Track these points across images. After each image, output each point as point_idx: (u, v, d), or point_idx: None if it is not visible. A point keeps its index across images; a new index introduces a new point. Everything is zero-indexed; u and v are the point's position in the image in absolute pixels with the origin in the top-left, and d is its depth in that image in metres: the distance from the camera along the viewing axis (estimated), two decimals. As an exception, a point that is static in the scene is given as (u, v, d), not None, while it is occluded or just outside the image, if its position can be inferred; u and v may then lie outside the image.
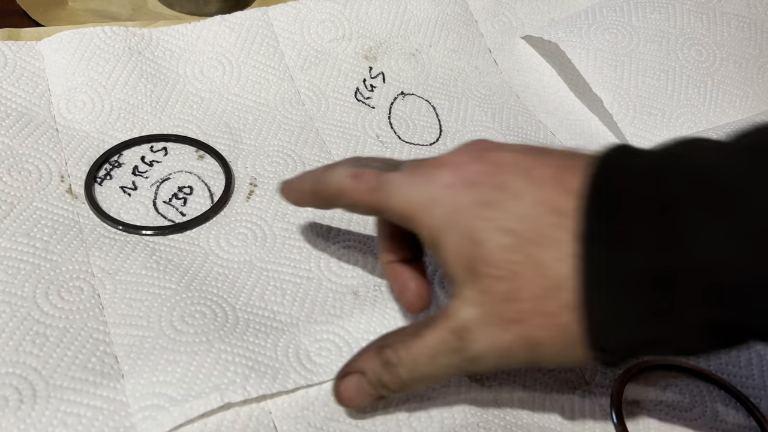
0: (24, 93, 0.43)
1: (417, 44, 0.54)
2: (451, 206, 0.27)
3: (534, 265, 0.25)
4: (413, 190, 0.28)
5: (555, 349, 0.26)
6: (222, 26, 0.50)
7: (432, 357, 0.28)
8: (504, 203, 0.26)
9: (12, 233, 0.37)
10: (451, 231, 0.26)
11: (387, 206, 0.29)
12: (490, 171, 0.27)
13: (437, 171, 0.28)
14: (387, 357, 0.29)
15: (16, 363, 0.32)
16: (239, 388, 0.32)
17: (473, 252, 0.26)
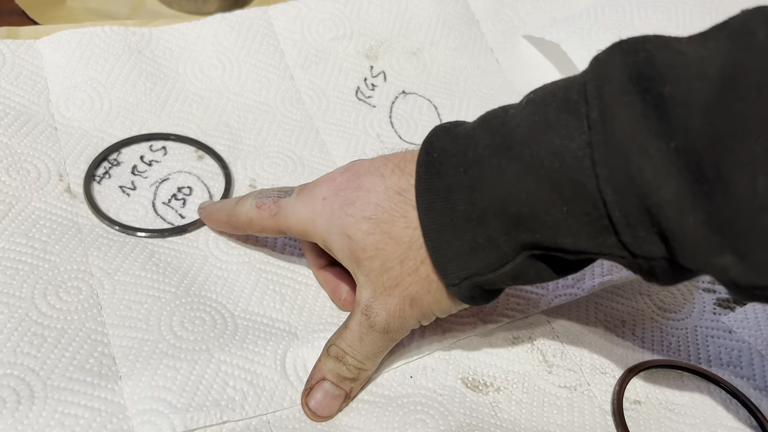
0: (22, 92, 0.43)
1: (418, 43, 0.54)
2: (328, 214, 0.32)
3: (391, 238, 0.31)
4: (302, 209, 0.33)
5: (432, 299, 0.31)
6: (222, 25, 0.49)
7: (360, 339, 0.32)
8: (362, 199, 0.32)
9: (10, 233, 0.37)
10: (333, 234, 0.32)
11: (287, 227, 0.34)
12: (351, 178, 0.33)
13: (316, 189, 0.33)
14: (335, 353, 0.33)
15: (14, 364, 0.32)
16: (238, 407, 0.32)
17: (350, 245, 0.32)
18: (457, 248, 0.29)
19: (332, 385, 0.33)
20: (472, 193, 0.29)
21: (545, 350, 0.38)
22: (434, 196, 0.30)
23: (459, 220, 0.29)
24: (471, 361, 0.37)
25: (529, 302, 0.40)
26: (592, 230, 0.26)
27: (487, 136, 0.29)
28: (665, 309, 0.42)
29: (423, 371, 0.36)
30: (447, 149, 0.30)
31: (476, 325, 0.38)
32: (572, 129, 0.26)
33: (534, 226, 0.28)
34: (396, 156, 0.33)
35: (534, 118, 0.27)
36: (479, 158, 0.28)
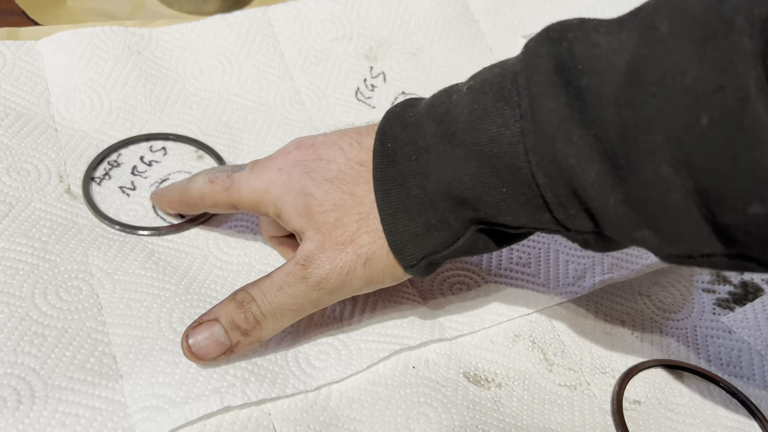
0: (23, 92, 0.43)
1: (418, 44, 0.54)
2: (285, 181, 0.33)
3: (352, 196, 0.32)
4: (255, 180, 0.34)
5: (384, 263, 0.32)
6: (222, 26, 0.49)
7: (280, 288, 0.32)
8: (323, 167, 0.33)
9: (11, 233, 0.37)
10: (287, 196, 0.33)
11: (239, 199, 0.35)
12: (309, 151, 0.34)
13: (270, 162, 0.34)
14: (241, 297, 0.33)
15: (15, 363, 0.32)
16: (239, 392, 0.32)
17: (306, 201, 0.32)
18: (413, 231, 0.31)
19: (221, 329, 0.32)
20: (423, 179, 0.31)
21: (546, 349, 0.38)
22: (390, 183, 0.31)
23: (413, 205, 0.31)
24: (472, 357, 0.37)
25: (529, 301, 0.40)
26: (529, 208, 0.29)
27: (434, 125, 0.31)
28: (665, 309, 0.42)
29: (425, 364, 0.36)
30: (399, 138, 0.32)
31: (476, 322, 0.38)
32: (507, 117, 0.28)
33: (478, 205, 0.30)
34: (350, 131, 0.34)
35: (474, 106, 0.29)
36: (427, 146, 0.31)
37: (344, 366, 0.35)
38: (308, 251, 0.32)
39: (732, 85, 0.22)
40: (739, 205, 0.23)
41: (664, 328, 0.41)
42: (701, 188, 0.24)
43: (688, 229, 0.25)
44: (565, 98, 0.26)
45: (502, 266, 0.41)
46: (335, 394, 0.34)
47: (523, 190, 0.28)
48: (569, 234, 0.30)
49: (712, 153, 0.23)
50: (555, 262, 0.42)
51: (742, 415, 0.37)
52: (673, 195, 0.25)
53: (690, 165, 0.24)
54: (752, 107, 0.22)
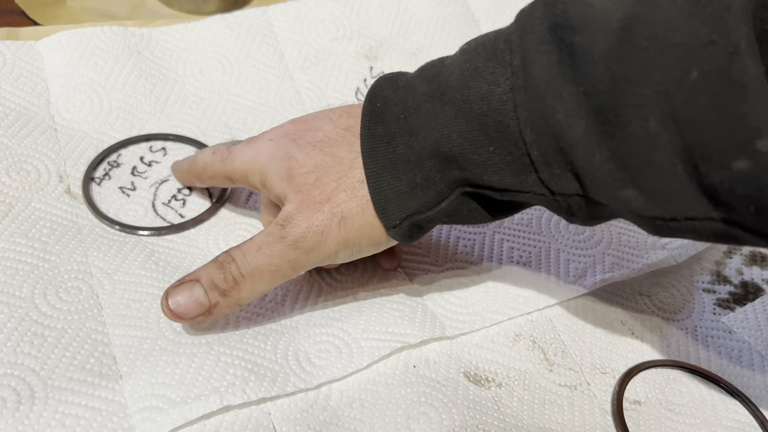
0: (23, 93, 0.43)
1: (418, 44, 0.54)
2: (272, 149, 0.34)
3: (333, 157, 0.33)
4: (247, 151, 0.35)
5: (364, 222, 0.32)
6: (221, 26, 0.49)
7: (259, 248, 0.32)
8: (310, 134, 0.34)
9: (10, 233, 0.37)
10: (272, 162, 0.34)
11: (233, 169, 0.36)
12: (299, 123, 0.35)
13: (263, 135, 0.35)
14: (221, 259, 0.33)
15: (14, 364, 0.32)
16: (239, 391, 0.32)
17: (289, 164, 0.33)
18: (398, 189, 0.31)
19: (200, 289, 0.33)
20: (410, 137, 0.31)
21: (546, 349, 0.38)
22: (377, 142, 0.32)
23: (399, 163, 0.31)
24: (473, 357, 0.37)
25: (530, 299, 0.40)
26: (515, 168, 0.29)
27: (424, 84, 0.31)
28: (665, 309, 0.42)
29: (426, 363, 0.36)
30: (389, 98, 0.32)
31: (477, 321, 0.38)
32: (498, 75, 0.28)
33: (464, 164, 0.30)
34: (343, 106, 0.35)
35: (465, 66, 0.30)
36: (417, 105, 0.31)
37: (345, 364, 0.35)
38: (287, 212, 0.32)
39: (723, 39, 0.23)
40: (725, 161, 0.23)
41: (664, 328, 0.41)
42: (688, 144, 0.24)
43: (673, 188, 0.25)
44: (557, 56, 0.27)
45: (503, 265, 0.41)
46: (335, 393, 0.34)
47: (510, 148, 0.28)
48: (553, 199, 0.29)
49: (700, 107, 0.23)
50: (556, 261, 0.42)
51: (742, 415, 0.37)
52: (660, 152, 0.25)
53: (677, 119, 0.24)
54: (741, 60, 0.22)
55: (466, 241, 0.43)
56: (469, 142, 0.29)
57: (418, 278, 0.40)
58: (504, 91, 0.28)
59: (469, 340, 0.38)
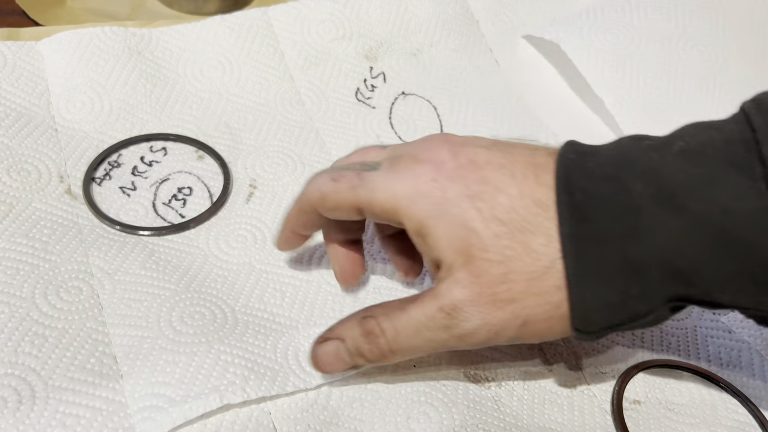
0: (23, 93, 0.43)
1: (418, 44, 0.54)
2: (439, 198, 0.29)
3: (525, 249, 0.28)
4: (397, 185, 0.30)
5: (544, 326, 0.29)
6: (222, 26, 0.50)
7: (417, 330, 0.29)
8: (490, 195, 0.28)
9: (11, 234, 0.37)
10: (441, 220, 0.29)
11: (369, 202, 0.30)
12: (469, 167, 0.29)
13: (418, 167, 0.30)
14: (369, 327, 0.30)
15: (15, 364, 0.32)
16: (238, 390, 0.32)
17: (468, 238, 0.28)
18: (606, 300, 0.28)
19: (346, 351, 0.31)
20: (626, 242, 0.27)
21: (546, 348, 0.38)
22: (584, 244, 0.27)
23: (610, 270, 0.27)
24: (473, 356, 0.37)
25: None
26: (754, 289, 0.26)
27: (640, 184, 0.27)
28: (665, 309, 0.42)
29: (426, 363, 0.36)
30: (588, 190, 0.28)
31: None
32: (744, 188, 0.25)
33: (695, 281, 0.27)
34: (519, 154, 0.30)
35: (695, 170, 0.26)
36: (635, 207, 0.27)
37: (345, 364, 0.35)
38: (457, 300, 0.28)
39: None
40: None
41: (664, 328, 0.41)
42: None
43: None
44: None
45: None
46: (335, 393, 0.34)
47: (754, 269, 0.26)
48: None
49: None
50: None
51: (742, 415, 0.37)
52: None
53: None
54: None
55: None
56: (706, 258, 0.26)
57: (418, 279, 0.40)
58: (753, 207, 0.25)
59: (469, 340, 0.38)
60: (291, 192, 0.44)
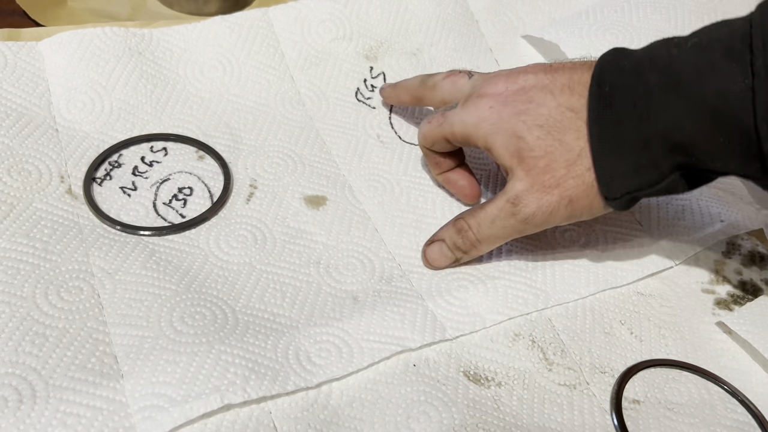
0: (24, 93, 0.43)
1: (418, 44, 0.54)
2: (496, 120, 0.37)
3: (561, 144, 0.36)
4: (467, 116, 0.39)
5: (587, 203, 0.36)
6: (222, 26, 0.50)
7: (492, 221, 0.38)
8: (534, 110, 0.37)
9: (12, 233, 0.37)
10: (498, 135, 0.37)
11: (452, 133, 0.40)
12: (518, 92, 0.37)
13: (481, 100, 0.38)
14: (459, 225, 0.40)
15: (16, 363, 0.32)
16: (239, 390, 0.32)
17: (517, 144, 0.37)
18: (623, 169, 0.35)
19: (446, 248, 0.40)
20: (640, 122, 0.33)
21: (546, 348, 0.38)
22: (606, 125, 0.35)
23: (626, 146, 0.34)
24: (472, 356, 0.37)
25: (528, 300, 0.40)
26: (742, 158, 0.32)
27: (655, 75, 0.33)
28: (664, 309, 0.42)
29: (426, 362, 0.36)
30: (616, 83, 0.34)
31: (477, 321, 0.38)
32: (735, 74, 0.30)
33: (692, 151, 0.33)
34: (561, 74, 0.37)
35: (700, 60, 0.32)
36: (648, 93, 0.33)
37: (345, 364, 0.35)
38: (518, 191, 0.37)
39: None
40: None
41: (663, 327, 0.41)
42: None
43: None
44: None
45: (503, 265, 0.42)
46: (336, 392, 0.34)
47: (740, 140, 0.31)
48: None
49: None
50: (552, 266, 0.42)
51: (741, 415, 0.37)
52: None
53: None
54: None
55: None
56: (700, 132, 0.32)
57: (418, 279, 0.40)
58: (742, 89, 0.30)
59: (469, 340, 0.38)
60: (291, 192, 0.44)
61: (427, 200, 0.45)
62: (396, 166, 0.47)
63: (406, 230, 0.43)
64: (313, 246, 0.41)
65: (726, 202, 0.47)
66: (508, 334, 0.38)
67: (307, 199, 0.43)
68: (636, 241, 0.45)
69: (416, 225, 0.43)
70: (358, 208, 0.44)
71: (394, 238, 0.42)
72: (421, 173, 0.47)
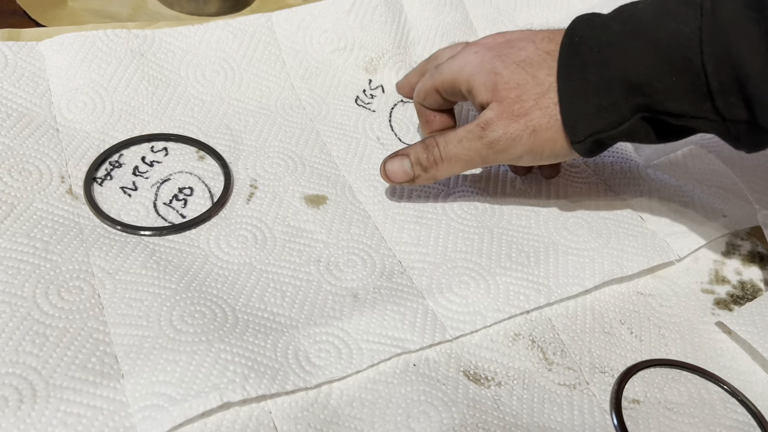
0: (25, 93, 0.43)
1: (417, 56, 0.55)
2: (478, 62, 0.40)
3: (534, 78, 0.38)
4: (453, 63, 0.41)
5: (547, 136, 0.38)
6: (225, 31, 0.50)
7: (459, 141, 0.40)
8: (514, 52, 0.39)
9: (12, 233, 0.37)
10: (479, 74, 0.39)
11: (441, 81, 0.42)
12: (502, 41, 0.40)
13: (468, 48, 0.41)
14: (428, 142, 0.41)
15: (16, 363, 0.32)
16: (238, 388, 0.32)
17: (494, 78, 0.39)
18: (586, 111, 0.37)
19: (408, 162, 0.42)
20: (602, 68, 0.36)
21: (545, 348, 0.38)
22: (572, 70, 0.37)
23: (590, 89, 0.36)
24: (472, 356, 0.37)
25: (530, 297, 0.40)
26: (694, 97, 0.34)
27: (618, 24, 0.36)
28: (664, 309, 0.42)
29: (426, 362, 0.36)
30: (585, 35, 0.37)
31: (478, 320, 0.38)
32: (688, 16, 0.33)
33: (648, 92, 0.35)
34: (544, 30, 0.40)
35: (658, 8, 0.34)
36: (610, 41, 0.36)
37: (344, 365, 0.35)
38: (488, 117, 0.39)
39: None
40: None
41: (662, 327, 0.41)
42: None
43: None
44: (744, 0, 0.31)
45: (503, 262, 0.42)
46: (336, 392, 0.34)
47: (691, 79, 0.33)
48: (724, 126, 0.34)
49: None
50: (555, 259, 0.42)
51: (741, 415, 0.37)
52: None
53: None
54: None
55: (467, 237, 0.43)
56: (654, 72, 0.34)
57: (418, 275, 0.40)
58: (692, 30, 0.32)
59: (469, 340, 0.38)
60: (291, 192, 0.44)
61: (428, 197, 0.45)
62: (396, 167, 0.47)
63: (406, 227, 0.43)
64: (314, 244, 0.41)
65: (728, 199, 0.47)
66: (508, 334, 0.38)
67: (308, 199, 0.44)
68: (639, 233, 0.45)
69: (417, 221, 0.43)
70: (358, 207, 0.44)
71: (394, 234, 0.42)
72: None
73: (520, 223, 0.45)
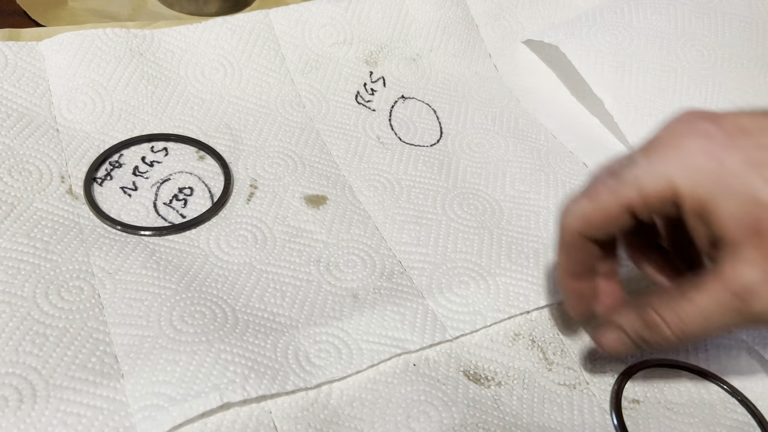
0: (25, 93, 0.43)
1: (418, 49, 0.55)
2: (717, 171, 0.27)
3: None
4: (665, 167, 0.28)
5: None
6: (224, 28, 0.50)
7: (705, 318, 0.28)
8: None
9: (12, 233, 0.37)
10: (724, 195, 0.27)
11: (639, 194, 0.28)
12: (739, 134, 0.27)
13: (684, 142, 0.28)
14: (650, 319, 0.30)
15: (16, 363, 0.32)
16: (239, 388, 0.32)
17: (757, 213, 0.26)
18: None
19: (628, 338, 0.31)
20: None
21: (545, 348, 0.38)
22: None
23: None
24: (472, 356, 0.37)
25: (530, 297, 0.40)
26: None
27: None
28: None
29: (426, 362, 0.36)
30: None
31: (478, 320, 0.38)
32: None
33: None
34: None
35: None
36: None
37: (344, 365, 0.35)
38: (749, 281, 0.27)
39: None
40: None
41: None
42: None
43: None
44: None
45: (503, 262, 0.42)
46: (336, 392, 0.34)
47: None
48: None
49: None
50: (555, 260, 0.42)
51: (741, 415, 0.37)
52: None
53: None
54: None
55: (467, 238, 0.43)
56: None
57: (418, 276, 0.40)
58: None
59: (469, 340, 0.38)
60: (291, 192, 0.44)
61: (428, 197, 0.45)
62: (396, 167, 0.47)
63: (406, 227, 0.43)
64: (314, 244, 0.41)
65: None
66: (508, 334, 0.38)
67: (308, 199, 0.44)
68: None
69: (417, 221, 0.43)
70: (358, 207, 0.44)
71: (394, 234, 0.42)
72: (422, 173, 0.47)
73: (520, 223, 0.45)
